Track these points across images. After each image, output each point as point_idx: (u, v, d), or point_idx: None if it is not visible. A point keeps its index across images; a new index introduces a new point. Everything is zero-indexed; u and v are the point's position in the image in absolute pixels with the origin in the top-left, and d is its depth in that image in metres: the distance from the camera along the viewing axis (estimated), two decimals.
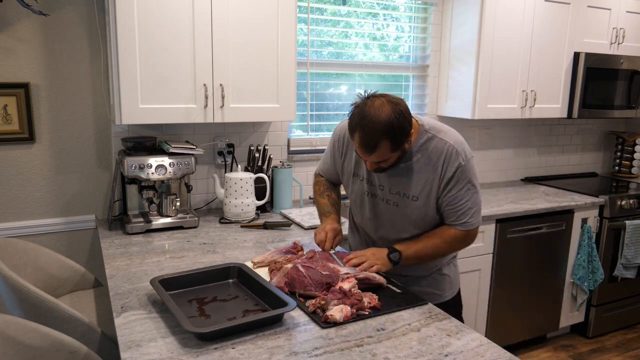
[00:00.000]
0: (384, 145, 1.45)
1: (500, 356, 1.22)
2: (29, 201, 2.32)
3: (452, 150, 1.57)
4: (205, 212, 2.55)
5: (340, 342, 1.27)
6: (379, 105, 1.44)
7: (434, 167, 1.58)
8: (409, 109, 1.50)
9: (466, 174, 1.58)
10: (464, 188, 1.58)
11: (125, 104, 2.04)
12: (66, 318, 1.60)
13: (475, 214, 1.61)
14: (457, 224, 1.61)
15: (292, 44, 2.31)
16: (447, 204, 1.61)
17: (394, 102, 1.46)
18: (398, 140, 1.46)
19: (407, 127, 1.47)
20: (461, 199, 1.59)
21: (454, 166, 1.56)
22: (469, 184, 1.59)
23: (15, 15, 2.17)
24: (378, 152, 1.47)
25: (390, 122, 1.42)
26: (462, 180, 1.58)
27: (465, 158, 1.58)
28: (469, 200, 1.59)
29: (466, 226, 1.61)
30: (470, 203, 1.60)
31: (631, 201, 3.16)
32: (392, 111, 1.43)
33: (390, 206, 1.69)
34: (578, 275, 3.05)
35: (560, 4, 3.06)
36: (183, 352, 1.21)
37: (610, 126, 3.99)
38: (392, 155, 1.51)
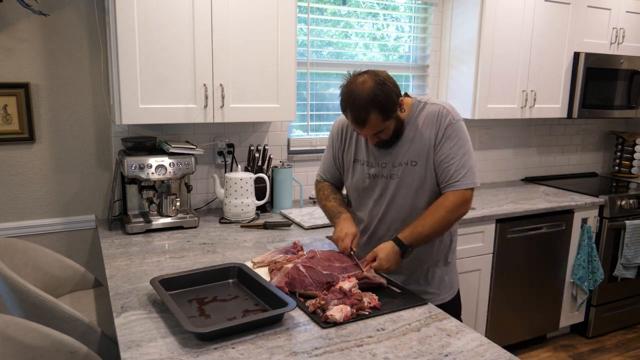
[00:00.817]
0: (374, 116, 1.54)
1: (500, 356, 1.22)
2: (29, 201, 2.32)
3: (443, 110, 1.64)
4: (205, 212, 2.55)
5: (340, 342, 1.27)
6: (362, 80, 1.55)
7: (428, 128, 1.64)
8: (392, 79, 1.59)
9: (457, 132, 1.62)
10: (455, 146, 1.61)
11: (125, 104, 2.04)
12: (66, 318, 1.60)
13: (469, 175, 1.61)
14: (450, 183, 1.62)
15: (292, 44, 2.31)
16: (439, 163, 1.63)
17: (376, 74, 1.57)
18: (386, 109, 1.54)
19: (392, 95, 1.55)
20: (453, 156, 1.61)
21: (445, 123, 1.62)
22: (460, 141, 1.62)
23: (15, 15, 2.17)
24: (370, 123, 1.56)
25: (374, 93, 1.52)
26: (453, 137, 1.62)
27: (455, 118, 1.64)
28: (461, 158, 1.61)
29: (458, 185, 1.61)
30: (464, 161, 1.61)
31: (631, 201, 3.16)
32: (375, 82, 1.54)
33: (393, 181, 1.70)
34: (578, 275, 3.05)
35: (560, 4, 3.06)
36: (183, 352, 1.21)
37: (610, 126, 3.99)
38: (385, 124, 1.58)
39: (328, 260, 1.61)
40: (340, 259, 1.64)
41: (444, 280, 1.80)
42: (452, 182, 1.62)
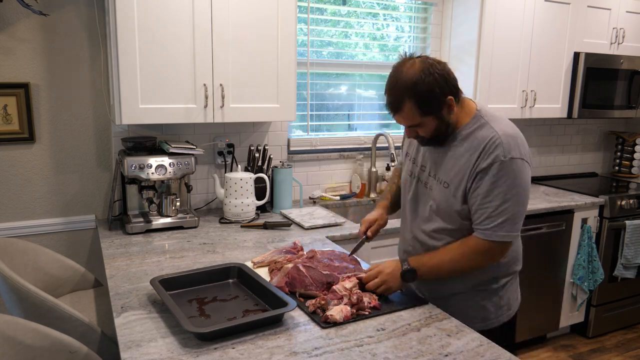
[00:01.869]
0: (409, 106, 1.37)
1: (500, 356, 1.22)
2: (29, 201, 2.32)
3: (496, 139, 1.38)
4: (205, 212, 2.55)
5: (340, 342, 1.27)
6: (410, 64, 1.37)
7: (472, 153, 1.42)
8: (447, 73, 1.38)
9: (505, 172, 1.36)
10: (498, 188, 1.37)
11: (125, 104, 2.04)
12: (66, 318, 1.60)
13: (507, 225, 1.38)
14: (480, 229, 1.41)
15: (292, 43, 2.31)
16: (474, 201, 1.42)
17: (428, 62, 1.36)
18: (425, 102, 1.36)
19: (437, 89, 1.35)
20: (491, 199, 1.38)
21: (491, 158, 1.37)
22: (506, 184, 1.37)
23: (15, 15, 2.17)
24: (404, 113, 1.39)
25: (414, 81, 1.34)
26: (498, 177, 1.37)
27: (508, 154, 1.37)
28: (502, 204, 1.37)
29: (488, 235, 1.39)
30: (502, 208, 1.37)
31: (631, 201, 3.16)
32: (421, 70, 1.34)
33: (426, 190, 1.55)
34: (578, 275, 3.05)
35: (560, 4, 3.06)
36: (183, 352, 1.21)
37: (610, 126, 3.99)
38: (423, 120, 1.40)
39: (328, 260, 1.61)
40: (340, 259, 1.64)
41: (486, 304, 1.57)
42: (482, 226, 1.41)
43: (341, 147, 2.98)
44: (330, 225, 2.32)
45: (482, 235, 1.41)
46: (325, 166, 2.92)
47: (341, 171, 2.98)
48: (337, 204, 2.83)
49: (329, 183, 2.95)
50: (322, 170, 2.92)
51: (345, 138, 3.00)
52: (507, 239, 1.40)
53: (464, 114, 1.47)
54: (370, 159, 3.02)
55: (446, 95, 1.38)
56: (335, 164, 2.95)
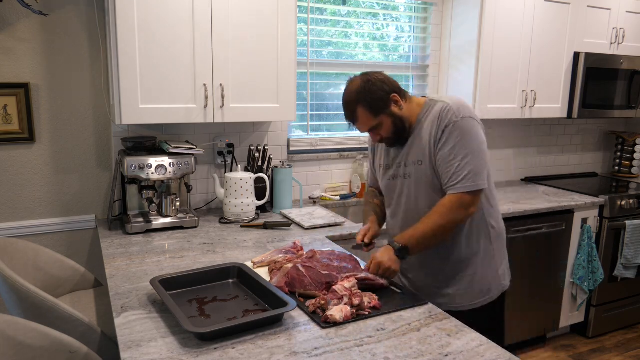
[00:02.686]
0: (361, 111, 1.59)
1: (500, 356, 1.22)
2: (29, 201, 2.32)
3: (446, 107, 1.58)
4: (205, 212, 2.55)
5: (340, 342, 1.27)
6: (352, 80, 1.63)
7: (431, 127, 1.60)
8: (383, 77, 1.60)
9: (460, 131, 1.54)
10: (457, 146, 1.54)
11: (125, 104, 2.04)
12: (66, 318, 1.60)
13: (471, 176, 1.53)
14: (449, 186, 1.56)
15: (292, 43, 2.31)
16: (440, 164, 1.58)
17: (366, 74, 1.61)
18: (372, 104, 1.57)
19: (377, 90, 1.57)
20: (453, 157, 1.54)
21: (445, 122, 1.56)
22: (462, 141, 1.54)
23: (15, 15, 2.17)
24: (360, 119, 1.60)
25: (357, 89, 1.58)
26: (454, 137, 1.54)
27: (459, 115, 1.55)
28: (464, 160, 1.53)
29: (457, 189, 1.54)
30: (465, 163, 1.53)
31: (631, 201, 3.16)
32: (361, 80, 1.59)
33: (407, 180, 1.68)
34: (578, 275, 3.05)
35: (560, 4, 3.06)
36: (183, 352, 1.21)
37: (610, 126, 3.99)
38: (378, 120, 1.59)
39: (327, 260, 1.61)
40: (339, 259, 1.64)
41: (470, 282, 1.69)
42: (450, 184, 1.56)
43: (341, 147, 2.98)
44: (330, 225, 2.32)
45: (452, 191, 1.55)
46: (325, 166, 2.92)
47: (341, 171, 2.98)
48: (337, 204, 2.83)
49: (329, 183, 2.95)
50: (322, 170, 2.92)
51: (345, 138, 3.00)
52: (475, 187, 1.54)
53: (415, 106, 1.66)
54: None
55: (389, 93, 1.59)
56: (335, 164, 2.96)
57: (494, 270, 1.70)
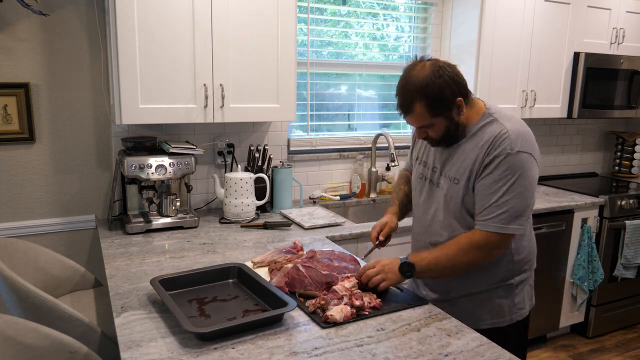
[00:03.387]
0: (419, 107, 1.41)
1: (500, 356, 1.22)
2: (29, 201, 2.32)
3: (504, 134, 1.41)
4: (205, 212, 2.55)
5: (340, 342, 1.27)
6: (421, 67, 1.41)
7: (480, 148, 1.44)
8: (456, 75, 1.41)
9: (510, 165, 1.38)
10: (502, 180, 1.38)
11: (125, 104, 2.04)
12: (66, 318, 1.60)
13: (506, 217, 1.38)
14: (479, 220, 1.42)
15: (292, 43, 2.31)
16: (478, 192, 1.43)
17: (438, 65, 1.40)
18: (435, 103, 1.39)
19: (445, 89, 1.38)
20: (494, 191, 1.39)
21: (498, 150, 1.40)
22: (511, 178, 1.38)
23: (15, 15, 2.17)
24: (415, 114, 1.43)
25: (424, 82, 1.38)
26: (503, 170, 1.39)
27: (515, 147, 1.39)
28: (504, 197, 1.38)
29: (486, 225, 1.40)
30: (503, 200, 1.38)
31: (631, 201, 3.16)
32: (431, 72, 1.38)
33: (437, 189, 1.57)
34: (578, 275, 3.05)
35: (560, 4, 3.06)
36: (183, 352, 1.21)
37: (610, 126, 3.99)
38: (433, 120, 1.43)
39: (328, 260, 1.61)
40: (339, 259, 1.64)
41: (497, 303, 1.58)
42: (481, 217, 1.42)
43: (341, 147, 2.98)
44: (330, 225, 2.32)
45: (480, 227, 1.42)
46: (325, 166, 2.92)
47: (341, 171, 2.98)
48: (337, 204, 2.83)
49: (329, 183, 2.95)
50: (322, 170, 2.92)
51: (345, 138, 3.00)
52: (505, 231, 1.39)
53: (473, 113, 1.50)
54: (370, 159, 3.02)
55: (456, 96, 1.41)
56: (335, 164, 2.96)
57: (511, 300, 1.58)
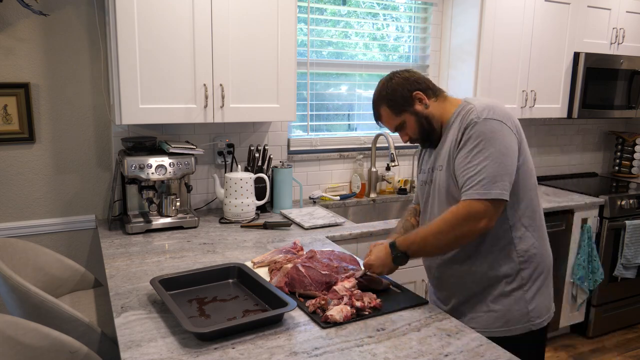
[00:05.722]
0: (384, 110, 1.57)
1: (500, 356, 1.22)
2: (29, 201, 2.32)
3: (471, 108, 1.45)
4: (205, 212, 2.55)
5: (340, 342, 1.27)
6: (381, 79, 1.60)
7: (455, 129, 1.48)
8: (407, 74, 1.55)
9: (480, 133, 1.39)
10: (475, 149, 1.39)
11: (125, 104, 2.04)
12: (66, 318, 1.60)
13: (485, 183, 1.36)
14: (462, 193, 1.40)
15: (292, 43, 2.31)
16: (457, 169, 1.44)
17: (392, 72, 1.58)
18: (393, 102, 1.54)
19: (398, 88, 1.53)
20: (469, 161, 1.40)
21: (466, 123, 1.43)
22: (481, 144, 1.39)
23: (15, 15, 2.17)
24: (383, 117, 1.59)
25: (381, 88, 1.57)
26: (473, 138, 1.40)
27: (481, 116, 1.41)
28: (480, 165, 1.38)
29: (468, 195, 1.37)
30: (480, 168, 1.37)
31: (631, 201, 3.16)
32: (384, 80, 1.58)
33: (432, 186, 1.58)
34: (578, 275, 3.05)
35: (560, 4, 3.06)
36: (183, 352, 1.21)
37: (610, 126, 3.99)
38: (401, 118, 1.55)
39: (328, 260, 1.61)
40: (339, 259, 1.64)
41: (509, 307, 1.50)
42: (462, 190, 1.41)
43: (341, 147, 2.98)
44: (330, 225, 2.32)
45: (463, 197, 1.39)
46: (325, 166, 2.92)
47: (341, 171, 2.98)
48: (337, 204, 2.83)
49: (329, 183, 2.95)
50: (322, 170, 2.92)
51: (345, 138, 3.00)
52: (486, 196, 1.36)
53: (449, 106, 1.55)
54: (370, 159, 3.02)
55: (411, 91, 1.53)
56: (335, 164, 2.96)
57: (522, 305, 1.49)
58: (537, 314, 1.51)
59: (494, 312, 1.50)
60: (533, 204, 1.51)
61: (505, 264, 1.49)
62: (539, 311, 1.51)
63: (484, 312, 1.52)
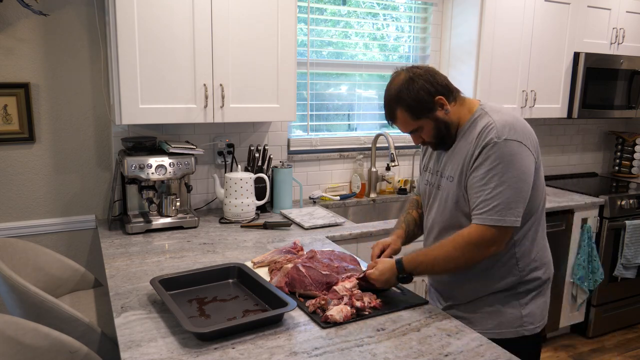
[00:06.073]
0: (401, 114, 1.46)
1: (500, 356, 1.22)
2: (29, 201, 2.32)
3: (491, 124, 1.39)
4: (205, 212, 2.55)
5: (340, 342, 1.27)
6: (396, 75, 1.48)
7: (470, 142, 1.43)
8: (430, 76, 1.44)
9: (497, 154, 1.35)
10: (492, 171, 1.35)
11: (125, 104, 2.04)
12: (66, 318, 1.60)
13: (497, 210, 1.34)
14: (474, 214, 1.38)
15: (292, 43, 2.31)
16: (470, 187, 1.41)
17: (411, 70, 1.45)
18: (413, 107, 1.43)
19: (420, 92, 1.42)
20: (485, 183, 1.36)
21: (485, 141, 1.38)
22: (499, 167, 1.35)
23: (15, 15, 2.17)
24: (399, 121, 1.48)
25: (398, 89, 1.44)
26: (491, 160, 1.36)
27: (501, 136, 1.36)
28: (496, 188, 1.34)
29: (481, 220, 1.36)
30: (496, 192, 1.34)
31: (631, 201, 3.16)
32: (405, 78, 1.44)
33: (439, 192, 1.55)
34: (578, 275, 3.05)
35: (560, 4, 3.06)
36: (183, 352, 1.21)
37: (610, 126, 3.99)
38: (419, 123, 1.46)
39: (328, 261, 1.61)
40: (340, 259, 1.64)
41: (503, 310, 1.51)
42: (475, 212, 1.38)
43: (341, 147, 2.98)
44: (330, 225, 2.32)
45: (476, 221, 1.37)
46: (325, 166, 2.92)
47: (341, 171, 2.98)
48: (337, 204, 2.83)
49: (329, 183, 2.95)
50: (322, 170, 2.92)
51: (345, 138, 3.00)
52: (501, 223, 1.34)
53: (465, 111, 1.49)
54: (370, 159, 3.02)
55: (433, 96, 1.44)
56: (335, 164, 2.96)
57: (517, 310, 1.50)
58: (530, 319, 1.50)
59: (487, 313, 1.52)
60: (540, 220, 1.50)
61: (507, 277, 1.50)
62: (533, 317, 1.51)
63: (477, 313, 1.53)
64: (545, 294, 1.55)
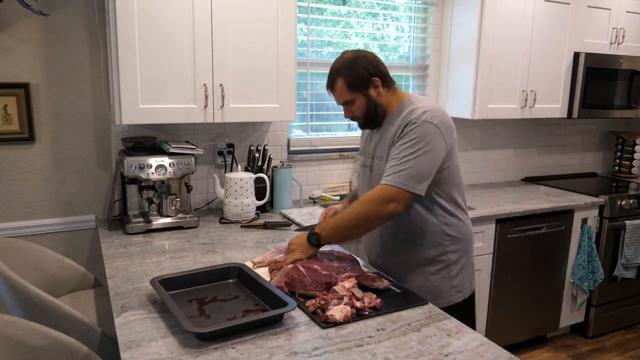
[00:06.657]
0: (339, 83, 1.64)
1: (500, 356, 1.22)
2: (29, 201, 2.32)
3: (414, 109, 1.58)
4: (205, 212, 2.55)
5: (340, 342, 1.27)
6: (344, 52, 1.68)
7: (396, 124, 1.62)
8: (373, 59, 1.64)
9: (415, 132, 1.53)
10: (407, 144, 1.53)
11: (125, 104, 2.04)
12: (66, 318, 1.60)
13: (405, 174, 1.50)
14: (383, 178, 1.55)
15: (292, 43, 2.31)
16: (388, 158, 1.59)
17: (359, 51, 1.65)
18: (352, 79, 1.62)
19: (360, 68, 1.61)
20: (399, 153, 1.54)
21: (406, 121, 1.57)
22: (415, 142, 1.52)
23: (15, 15, 2.17)
24: (336, 90, 1.67)
25: (344, 62, 1.64)
26: (408, 136, 1.54)
27: (420, 118, 1.54)
28: (406, 158, 1.52)
29: (386, 180, 1.52)
30: (405, 160, 1.52)
31: (631, 201, 3.16)
32: (351, 54, 1.65)
33: (371, 173, 1.73)
34: (578, 275, 3.05)
35: (560, 4, 3.06)
36: (183, 352, 1.21)
37: (610, 126, 3.99)
38: (352, 96, 1.64)
39: (327, 261, 1.61)
40: (339, 259, 1.64)
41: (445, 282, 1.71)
42: (384, 176, 1.55)
43: (341, 147, 2.98)
44: None
45: (382, 182, 1.54)
46: (325, 166, 2.92)
47: (341, 171, 2.98)
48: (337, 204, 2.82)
49: (329, 183, 2.96)
50: (322, 170, 2.92)
51: (345, 138, 3.00)
52: (402, 186, 1.50)
53: (395, 100, 1.68)
54: None
55: (371, 75, 1.63)
56: (335, 164, 2.96)
57: (448, 281, 1.70)
58: (461, 287, 1.72)
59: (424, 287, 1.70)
60: (457, 197, 1.69)
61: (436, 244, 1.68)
62: (463, 285, 1.73)
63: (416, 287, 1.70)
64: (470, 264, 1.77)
